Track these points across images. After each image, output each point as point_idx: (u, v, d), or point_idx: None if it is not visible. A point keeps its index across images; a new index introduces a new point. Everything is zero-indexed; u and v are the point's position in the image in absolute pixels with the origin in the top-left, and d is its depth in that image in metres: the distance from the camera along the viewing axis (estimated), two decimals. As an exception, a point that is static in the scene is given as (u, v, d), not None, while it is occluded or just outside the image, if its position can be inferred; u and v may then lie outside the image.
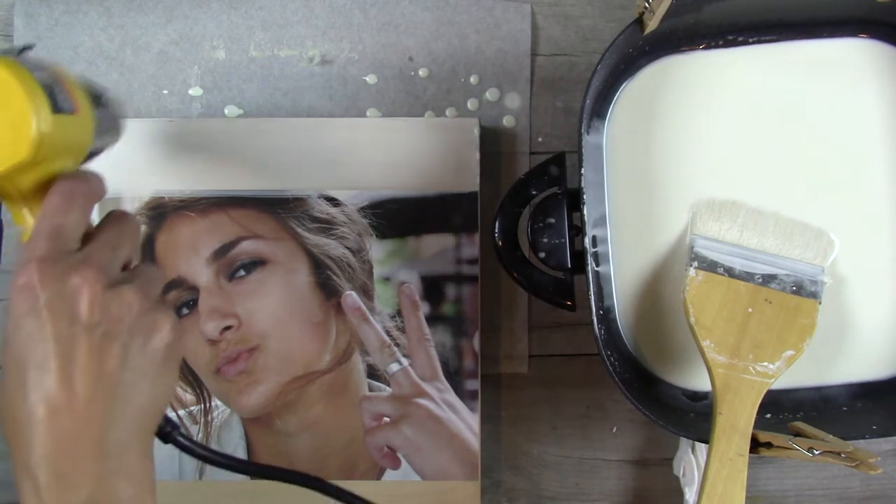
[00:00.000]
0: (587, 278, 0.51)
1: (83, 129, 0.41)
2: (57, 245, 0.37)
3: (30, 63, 0.38)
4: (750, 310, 0.53)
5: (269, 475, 0.45)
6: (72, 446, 0.36)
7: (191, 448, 0.43)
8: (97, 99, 0.43)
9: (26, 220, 0.39)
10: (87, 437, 0.36)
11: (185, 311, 0.58)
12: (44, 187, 0.38)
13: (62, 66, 0.41)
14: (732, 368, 0.51)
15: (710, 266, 0.54)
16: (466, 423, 0.58)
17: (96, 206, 0.40)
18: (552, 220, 0.53)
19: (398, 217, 0.59)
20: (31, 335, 0.36)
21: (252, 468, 0.45)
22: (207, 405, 0.59)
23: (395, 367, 0.58)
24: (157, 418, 0.40)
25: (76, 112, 0.40)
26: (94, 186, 0.40)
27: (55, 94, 0.38)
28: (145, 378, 0.38)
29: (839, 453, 0.48)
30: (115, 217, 0.40)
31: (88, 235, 0.39)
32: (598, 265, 0.56)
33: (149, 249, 0.59)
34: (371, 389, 0.59)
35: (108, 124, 0.44)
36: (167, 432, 0.41)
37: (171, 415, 0.55)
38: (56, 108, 0.37)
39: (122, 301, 0.37)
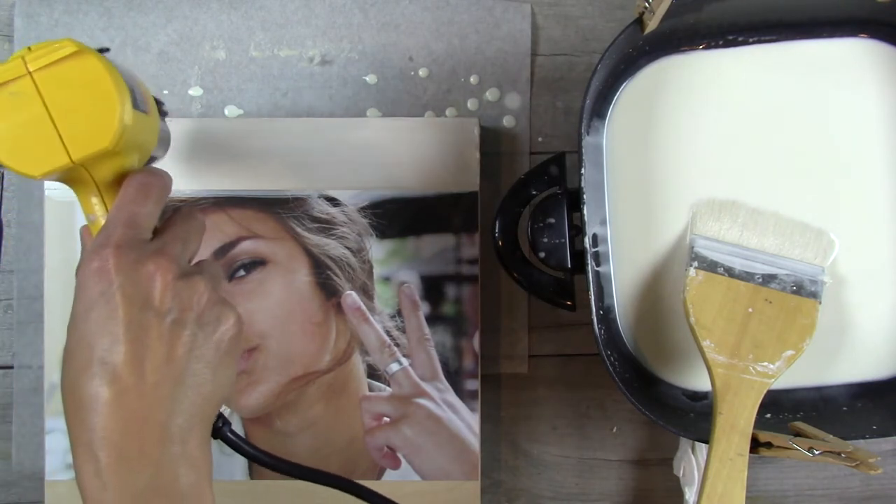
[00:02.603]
0: (587, 278, 0.51)
1: (152, 131, 0.43)
2: (132, 233, 0.38)
3: (113, 62, 0.39)
4: (750, 310, 0.53)
5: (315, 479, 0.45)
6: (137, 428, 0.36)
7: (239, 445, 0.43)
8: (161, 108, 0.45)
9: (95, 208, 0.40)
10: (152, 420, 0.36)
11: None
12: (115, 179, 0.40)
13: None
14: (732, 368, 0.51)
15: (710, 266, 0.54)
16: (466, 423, 0.58)
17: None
18: (552, 220, 0.53)
19: (398, 217, 0.59)
20: (103, 318, 0.36)
21: (298, 471, 0.45)
22: (207, 405, 0.59)
23: (395, 367, 0.58)
24: (217, 408, 0.40)
25: (149, 114, 0.42)
26: (166, 182, 0.41)
27: (135, 92, 0.40)
28: (209, 367, 0.39)
29: (839, 453, 0.48)
30: (184, 213, 0.42)
31: (157, 230, 0.40)
32: (598, 265, 0.56)
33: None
34: (371, 389, 0.59)
35: (164, 135, 0.46)
36: (219, 427, 0.42)
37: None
38: (135, 105, 0.39)
39: (194, 291, 0.38)
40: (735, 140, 0.56)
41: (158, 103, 0.45)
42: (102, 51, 0.40)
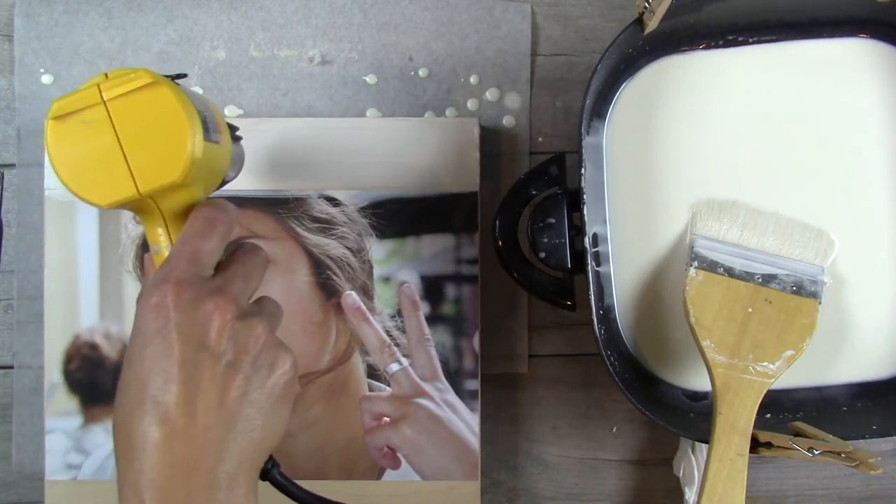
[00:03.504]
0: (587, 278, 0.51)
1: (223, 160, 0.42)
2: (195, 269, 0.37)
3: (187, 91, 0.39)
4: (750, 310, 0.53)
5: None
6: (185, 473, 0.35)
7: (287, 488, 0.42)
8: (233, 134, 0.45)
9: (160, 238, 0.40)
10: (201, 465, 0.35)
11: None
12: (182, 210, 0.39)
13: (209, 99, 0.42)
14: (732, 368, 0.51)
15: (710, 266, 0.54)
16: (466, 423, 0.58)
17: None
18: (552, 220, 0.53)
19: (398, 217, 0.59)
20: (158, 355, 0.35)
21: None
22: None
23: (395, 367, 0.58)
24: (266, 454, 0.39)
25: (220, 143, 0.41)
26: (232, 217, 0.40)
27: (207, 122, 0.39)
28: (261, 413, 0.38)
29: (839, 453, 0.48)
30: (247, 249, 0.41)
31: (220, 264, 0.39)
32: (598, 265, 0.56)
33: (149, 249, 0.59)
34: (371, 389, 0.59)
35: (237, 158, 0.45)
36: (267, 469, 0.41)
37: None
38: (206, 136, 0.39)
39: (251, 333, 0.38)
40: (735, 140, 0.56)
41: (232, 128, 0.45)
42: (178, 77, 0.40)
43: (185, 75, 0.40)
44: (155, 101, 0.37)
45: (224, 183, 0.45)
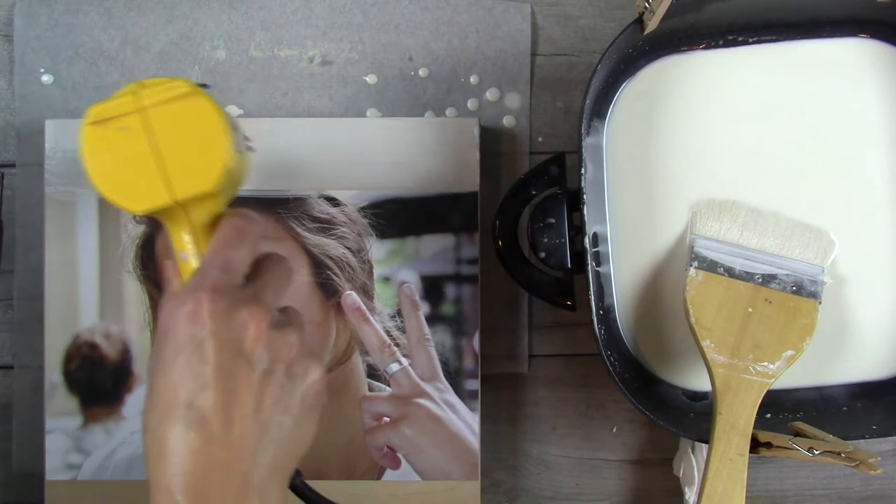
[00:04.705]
0: (587, 278, 0.51)
1: (245, 170, 0.43)
2: (227, 278, 0.38)
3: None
4: (750, 310, 0.53)
5: None
6: (220, 477, 0.35)
7: (309, 496, 0.42)
8: (248, 143, 0.45)
9: (187, 246, 0.40)
10: (236, 470, 0.36)
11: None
12: (209, 219, 0.40)
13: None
14: (732, 368, 0.51)
15: (710, 266, 0.54)
16: (466, 423, 0.58)
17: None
18: (552, 220, 0.53)
19: (398, 217, 0.59)
20: (192, 362, 0.36)
21: None
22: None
23: (395, 367, 0.58)
24: (296, 461, 0.40)
25: (244, 153, 0.42)
26: (260, 227, 0.41)
27: (236, 133, 0.40)
28: (294, 420, 0.38)
29: (839, 453, 0.48)
30: (276, 259, 0.41)
31: (248, 275, 0.40)
32: (598, 265, 0.56)
33: (149, 249, 0.59)
34: (371, 389, 0.59)
35: (248, 171, 0.45)
36: (291, 477, 0.41)
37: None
38: (236, 147, 0.39)
39: (285, 342, 0.38)
40: (735, 140, 0.56)
41: (246, 139, 0.45)
42: (203, 87, 0.40)
43: (208, 86, 0.40)
44: (193, 111, 0.38)
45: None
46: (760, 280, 0.54)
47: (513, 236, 0.55)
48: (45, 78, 0.61)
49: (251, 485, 0.36)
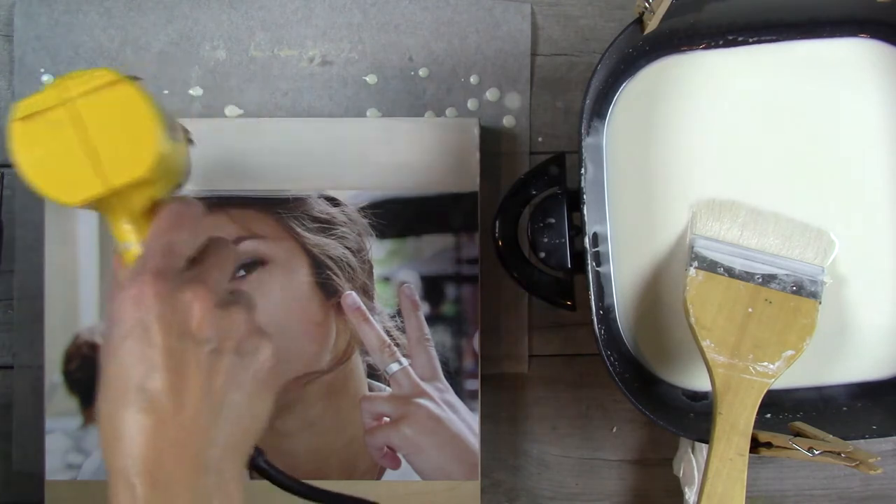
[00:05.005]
0: (587, 278, 0.51)
1: (183, 160, 0.43)
2: (169, 261, 0.38)
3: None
4: (750, 310, 0.53)
5: None
6: (175, 458, 0.36)
7: (273, 476, 0.42)
8: (187, 135, 0.45)
9: (129, 236, 0.40)
10: (190, 450, 0.36)
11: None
12: (148, 208, 0.40)
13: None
14: (732, 368, 0.51)
15: (710, 266, 0.54)
16: (466, 423, 0.58)
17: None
18: (552, 220, 0.53)
19: (398, 217, 0.59)
20: (140, 346, 0.36)
21: (340, 500, 0.45)
22: (207, 405, 0.59)
23: (395, 367, 0.58)
24: (253, 440, 0.40)
25: (179, 141, 0.42)
26: (199, 211, 0.41)
27: (166, 120, 0.40)
28: (247, 398, 0.38)
29: (839, 453, 0.48)
30: (218, 242, 0.41)
31: (192, 259, 0.40)
32: (598, 265, 0.56)
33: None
34: (371, 389, 0.59)
35: (190, 161, 0.45)
36: (253, 457, 0.41)
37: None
38: (167, 134, 0.39)
39: (232, 320, 0.38)
40: (735, 140, 0.56)
41: (185, 130, 0.45)
42: (134, 79, 0.40)
43: (139, 78, 0.40)
44: (119, 99, 0.38)
45: (180, 185, 0.45)
46: (760, 280, 0.54)
47: (513, 236, 0.55)
48: (45, 78, 0.61)
49: (206, 464, 0.36)
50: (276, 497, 0.58)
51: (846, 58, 0.56)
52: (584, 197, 0.51)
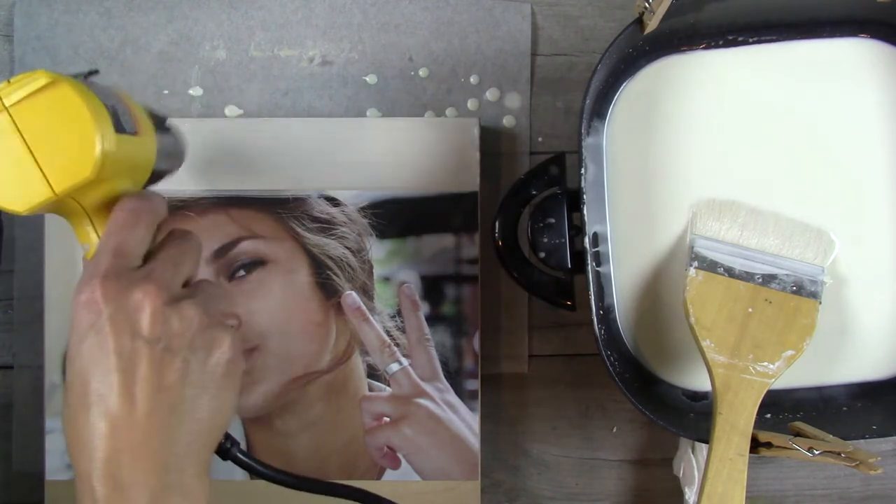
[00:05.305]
0: (587, 278, 0.51)
1: (145, 151, 0.42)
2: (120, 262, 0.38)
3: (93, 85, 0.39)
4: (750, 310, 0.53)
5: (339, 493, 0.45)
6: (131, 459, 0.36)
7: (250, 465, 0.42)
8: (160, 123, 0.44)
9: (90, 236, 0.40)
10: (146, 450, 0.36)
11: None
12: (107, 205, 0.39)
13: (125, 90, 0.42)
14: (732, 368, 0.51)
15: (710, 266, 0.54)
16: (466, 423, 0.58)
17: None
18: (552, 220, 0.53)
19: (398, 217, 0.59)
20: (94, 349, 0.36)
21: (319, 487, 0.45)
22: (207, 405, 0.59)
23: (395, 367, 0.58)
24: (217, 435, 0.40)
25: (139, 133, 0.41)
26: (156, 206, 0.40)
27: (118, 114, 0.39)
28: (206, 393, 0.38)
29: (839, 453, 0.48)
30: (177, 235, 0.41)
31: (150, 253, 0.39)
32: (598, 265, 0.56)
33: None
34: (371, 389, 0.59)
35: (170, 148, 0.45)
36: (226, 448, 0.41)
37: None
38: (119, 129, 0.38)
39: (183, 316, 0.38)
40: (735, 140, 0.56)
41: (158, 118, 0.44)
42: (90, 74, 0.39)
43: (96, 72, 0.40)
44: (56, 101, 0.37)
45: (161, 175, 0.44)
46: (760, 280, 0.54)
47: (513, 236, 0.55)
48: (45, 78, 0.61)
49: (166, 463, 0.37)
50: (274, 496, 0.58)
51: (846, 58, 0.56)
52: (584, 197, 0.51)
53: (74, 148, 0.37)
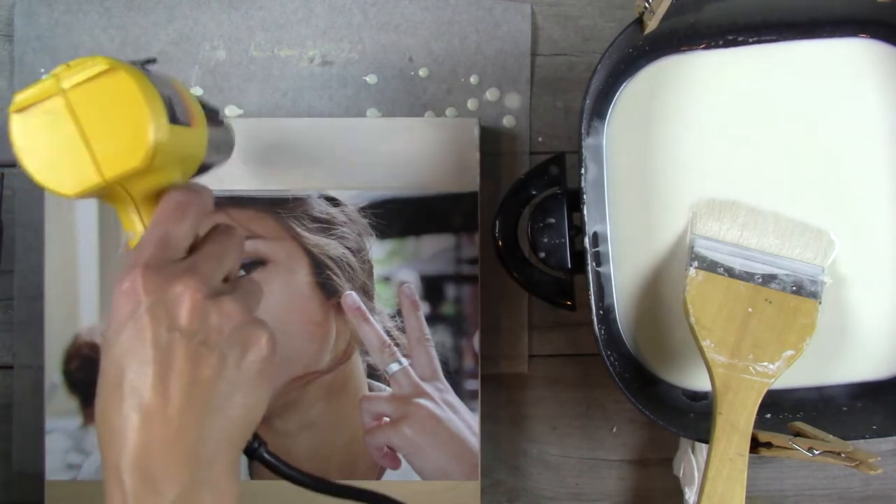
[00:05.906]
0: (587, 278, 0.51)
1: (197, 143, 0.42)
2: (164, 253, 0.37)
3: (151, 74, 0.39)
4: (750, 310, 0.53)
5: (367, 499, 0.45)
6: (162, 452, 0.35)
7: (276, 466, 0.42)
8: (212, 116, 0.44)
9: (135, 225, 0.40)
10: (177, 444, 0.36)
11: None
12: (155, 195, 0.39)
13: (182, 81, 0.41)
14: (732, 368, 0.51)
15: (710, 266, 0.54)
16: (466, 423, 0.58)
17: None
18: (552, 220, 0.53)
19: (398, 217, 0.59)
20: (131, 339, 0.36)
21: (347, 491, 0.44)
22: (207, 405, 0.59)
23: (395, 367, 0.58)
24: (248, 432, 0.39)
25: (192, 125, 0.41)
26: (205, 199, 0.40)
27: (173, 105, 0.39)
28: (239, 390, 0.38)
29: (839, 453, 0.48)
30: (221, 230, 0.41)
31: (194, 246, 0.39)
32: (598, 265, 0.56)
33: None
34: (371, 389, 0.59)
35: (220, 141, 0.45)
36: (254, 448, 0.41)
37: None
38: (173, 119, 0.38)
39: (222, 311, 0.38)
40: (735, 140, 0.56)
41: (212, 111, 0.44)
42: (148, 62, 0.39)
43: (154, 60, 0.40)
44: (113, 88, 0.37)
45: (208, 167, 0.45)
46: (760, 280, 0.54)
47: (513, 236, 0.55)
48: (45, 78, 0.61)
49: (196, 457, 0.36)
50: (276, 496, 0.58)
51: (846, 58, 0.56)
52: (584, 197, 0.51)
53: (127, 136, 0.37)
